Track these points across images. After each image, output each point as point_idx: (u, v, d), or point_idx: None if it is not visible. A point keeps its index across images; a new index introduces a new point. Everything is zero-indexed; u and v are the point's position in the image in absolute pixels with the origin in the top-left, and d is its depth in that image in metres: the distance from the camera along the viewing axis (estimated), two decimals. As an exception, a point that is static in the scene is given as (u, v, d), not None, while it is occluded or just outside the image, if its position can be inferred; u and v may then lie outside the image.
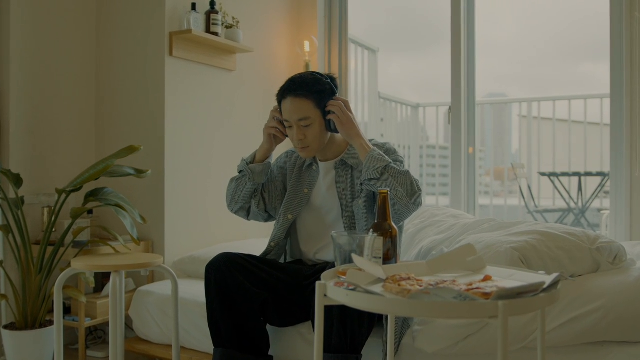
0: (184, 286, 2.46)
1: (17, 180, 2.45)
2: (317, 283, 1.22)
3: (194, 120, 2.98)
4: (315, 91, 1.96)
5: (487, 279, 1.29)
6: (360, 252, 1.38)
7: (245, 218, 2.20)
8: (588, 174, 4.84)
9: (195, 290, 2.42)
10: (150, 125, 2.85)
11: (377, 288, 1.22)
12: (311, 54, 3.50)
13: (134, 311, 2.56)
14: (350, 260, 1.37)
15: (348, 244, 1.39)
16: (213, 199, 3.03)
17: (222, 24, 3.00)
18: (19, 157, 2.65)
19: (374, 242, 1.40)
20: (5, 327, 2.41)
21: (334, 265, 1.56)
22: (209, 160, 3.07)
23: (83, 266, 2.07)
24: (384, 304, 1.11)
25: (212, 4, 2.92)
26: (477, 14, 3.39)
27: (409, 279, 1.24)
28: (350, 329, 1.74)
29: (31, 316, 2.41)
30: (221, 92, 3.14)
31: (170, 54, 2.82)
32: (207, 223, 3.05)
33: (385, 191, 1.48)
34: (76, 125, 2.94)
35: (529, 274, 1.33)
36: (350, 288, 1.17)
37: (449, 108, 3.42)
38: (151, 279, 2.82)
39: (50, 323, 2.45)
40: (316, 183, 2.12)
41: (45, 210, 2.63)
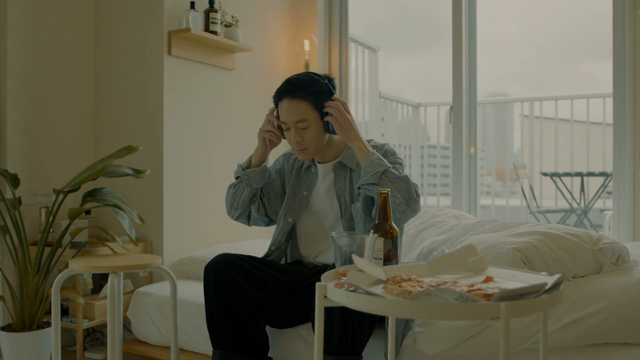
0: (182, 287, 2.45)
1: (15, 181, 2.44)
2: (317, 284, 1.22)
3: (193, 120, 2.97)
4: (312, 92, 1.93)
5: (489, 280, 1.28)
6: (360, 253, 1.37)
7: (247, 224, 2.18)
8: (590, 174, 4.82)
9: (194, 292, 2.41)
10: (149, 125, 2.84)
11: (378, 289, 1.22)
12: (311, 53, 3.48)
13: (132, 312, 2.55)
14: (350, 261, 1.36)
15: (348, 245, 1.38)
16: (212, 200, 3.02)
17: (221, 23, 2.99)
18: (16, 157, 2.64)
19: (374, 243, 1.40)
20: (3, 329, 2.40)
21: (334, 267, 1.55)
22: (208, 160, 3.06)
23: (81, 267, 2.06)
24: (384, 305, 1.10)
25: (211, 2, 2.91)
26: (479, 12, 3.38)
27: (410, 280, 1.23)
28: (351, 330, 1.72)
29: (28, 318, 2.40)
30: (220, 92, 3.13)
31: (169, 53, 2.81)
32: (206, 224, 3.04)
33: (386, 191, 1.47)
34: (74, 125, 2.93)
35: (531, 275, 1.33)
36: (351, 289, 1.16)
37: (450, 107, 3.41)
38: (149, 280, 2.80)
39: (48, 324, 2.44)
40: (315, 185, 2.10)
41: (43, 210, 2.62)
